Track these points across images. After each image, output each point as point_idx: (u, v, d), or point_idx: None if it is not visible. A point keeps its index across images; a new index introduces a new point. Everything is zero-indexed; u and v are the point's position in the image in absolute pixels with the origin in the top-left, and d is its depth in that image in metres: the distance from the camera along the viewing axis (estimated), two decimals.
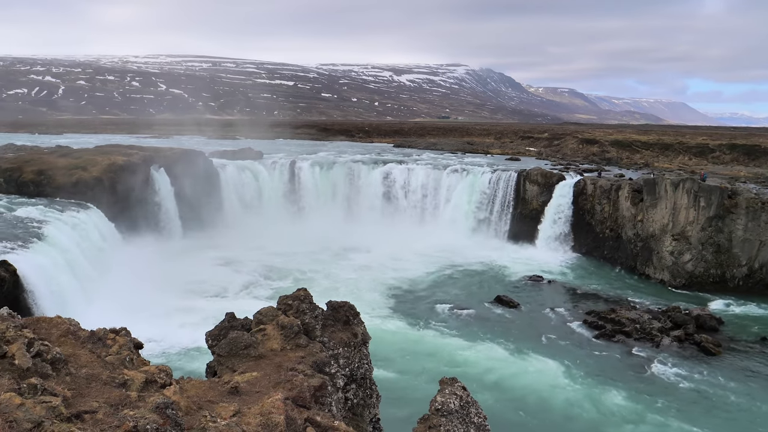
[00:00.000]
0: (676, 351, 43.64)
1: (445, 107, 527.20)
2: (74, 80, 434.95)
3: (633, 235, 65.29)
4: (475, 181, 79.83)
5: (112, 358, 11.53)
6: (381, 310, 50.38)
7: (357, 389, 16.13)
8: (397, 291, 56.16)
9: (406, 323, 47.71)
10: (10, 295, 34.30)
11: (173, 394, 10.43)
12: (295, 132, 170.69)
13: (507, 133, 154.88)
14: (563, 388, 37.20)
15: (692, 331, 46.23)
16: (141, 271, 51.95)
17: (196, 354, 37.21)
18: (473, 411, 13.12)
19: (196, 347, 37.61)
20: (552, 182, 74.49)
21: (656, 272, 61.79)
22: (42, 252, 41.90)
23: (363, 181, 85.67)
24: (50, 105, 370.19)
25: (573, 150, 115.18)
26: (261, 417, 10.17)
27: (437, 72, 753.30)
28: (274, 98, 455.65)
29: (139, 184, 67.10)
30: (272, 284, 56.35)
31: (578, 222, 71.74)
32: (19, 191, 62.44)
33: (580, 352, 43.34)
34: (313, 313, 15.70)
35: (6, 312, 12.30)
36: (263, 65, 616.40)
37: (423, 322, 48.21)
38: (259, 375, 12.51)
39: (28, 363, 9.81)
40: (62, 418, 8.47)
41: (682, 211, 60.75)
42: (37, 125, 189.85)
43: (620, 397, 36.28)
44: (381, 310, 50.38)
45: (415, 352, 41.99)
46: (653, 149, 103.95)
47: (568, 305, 53.92)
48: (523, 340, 44.98)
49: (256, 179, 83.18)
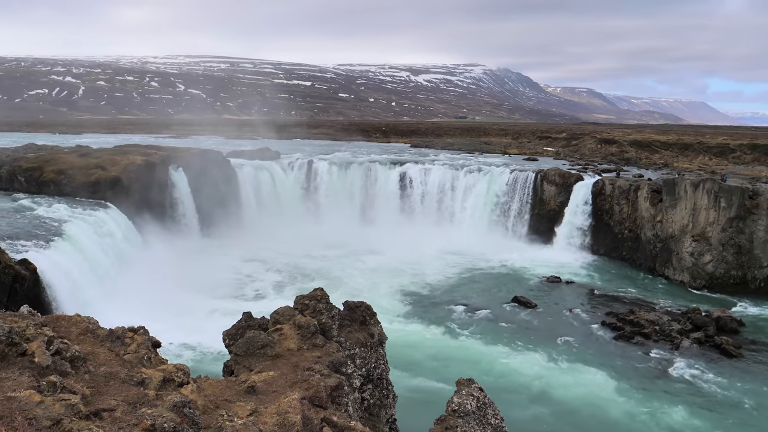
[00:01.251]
0: (695, 353, 43.22)
1: (462, 107, 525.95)
2: (94, 81, 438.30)
3: (652, 236, 64.79)
4: (492, 182, 79.56)
5: (130, 356, 11.59)
6: (398, 311, 50.33)
7: (373, 389, 16.12)
8: (414, 291, 56.07)
9: (423, 323, 47.63)
10: (30, 293, 34.61)
11: (190, 392, 10.47)
12: (312, 132, 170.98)
13: (524, 133, 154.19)
14: (581, 390, 36.96)
15: (712, 333, 45.78)
16: (160, 270, 52.27)
17: (214, 353, 37.34)
18: (490, 412, 13.07)
19: (213, 346, 37.72)
20: (570, 182, 74.08)
21: (676, 273, 61.26)
22: (62, 251, 42.25)
23: (380, 182, 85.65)
24: (70, 105, 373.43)
25: (591, 150, 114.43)
26: (278, 416, 10.18)
27: (454, 72, 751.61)
28: (292, 98, 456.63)
29: (158, 184, 67.51)
30: (289, 284, 56.45)
31: (596, 222, 71.30)
32: (39, 190, 63.13)
33: (599, 353, 43.04)
34: (330, 313, 15.72)
35: (26, 310, 12.41)
36: (281, 65, 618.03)
37: (440, 322, 48.09)
38: (275, 374, 12.53)
39: (47, 361, 9.88)
40: (81, 416, 8.51)
41: (702, 211, 60.19)
42: (57, 125, 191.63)
43: (639, 398, 36.01)
44: (398, 311, 50.33)
45: (432, 352, 41.90)
46: (673, 149, 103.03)
47: (586, 306, 53.58)
48: (540, 341, 44.76)
49: (273, 179, 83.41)
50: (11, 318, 11.22)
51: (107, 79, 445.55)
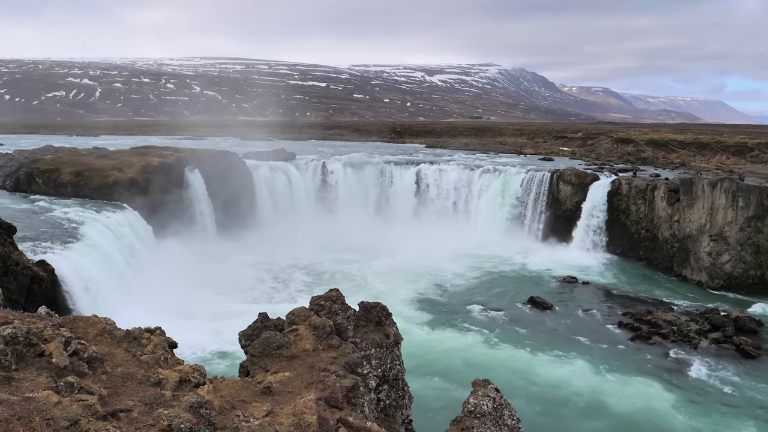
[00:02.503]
0: (714, 353, 42.87)
1: (477, 107, 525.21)
2: (111, 83, 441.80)
3: (669, 236, 64.34)
4: (507, 182, 79.32)
5: (147, 357, 11.63)
6: (413, 311, 50.27)
7: (389, 390, 16.10)
8: (429, 291, 55.99)
9: (439, 324, 47.54)
10: (48, 294, 34.87)
11: (207, 393, 10.50)
12: (328, 133, 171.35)
13: (540, 132, 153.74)
14: (598, 390, 36.75)
15: (731, 333, 45.39)
16: (176, 272, 52.48)
17: (230, 354, 37.48)
18: (506, 413, 13.02)
19: (229, 347, 37.85)
20: (586, 182, 73.73)
21: (693, 273, 60.80)
22: (79, 252, 42.52)
23: (395, 182, 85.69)
24: (87, 107, 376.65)
25: (607, 150, 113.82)
26: (293, 417, 10.19)
27: (469, 72, 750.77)
28: (307, 99, 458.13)
29: (174, 185, 67.78)
30: (304, 285, 56.56)
31: (613, 222, 70.91)
32: (57, 192, 63.59)
33: (616, 354, 42.78)
34: (346, 313, 15.71)
35: (44, 311, 12.49)
36: (296, 67, 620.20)
37: (455, 323, 47.99)
38: (291, 375, 12.54)
39: (65, 361, 9.93)
40: (98, 417, 8.55)
41: (719, 211, 59.71)
42: (74, 127, 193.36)
43: (656, 399, 35.75)
44: (413, 311, 50.27)
45: (448, 353, 41.80)
46: (690, 148, 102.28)
47: (603, 307, 53.28)
48: (557, 341, 44.56)
49: (288, 180, 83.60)
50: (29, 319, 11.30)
51: (124, 81, 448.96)
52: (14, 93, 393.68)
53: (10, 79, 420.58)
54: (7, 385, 8.85)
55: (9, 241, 33.58)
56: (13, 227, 34.61)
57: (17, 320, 10.80)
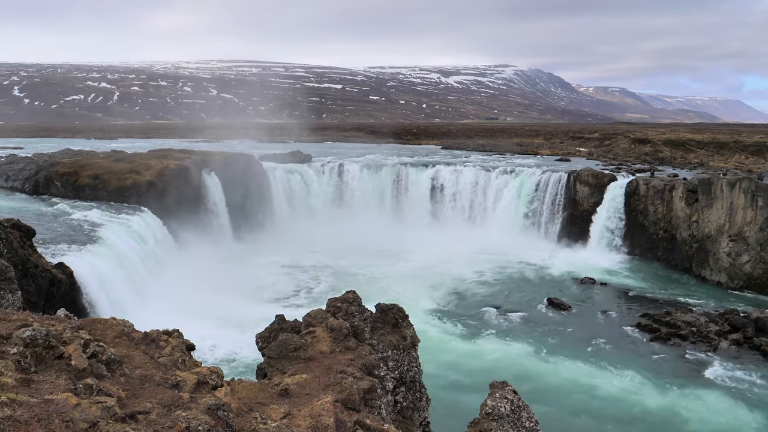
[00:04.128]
0: (734, 354, 42.46)
1: (493, 108, 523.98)
2: (128, 86, 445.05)
3: (688, 236, 63.83)
4: (524, 183, 79.06)
5: (164, 359, 11.67)
6: (430, 313, 50.20)
7: (406, 392, 16.07)
8: (447, 293, 55.87)
9: (456, 326, 47.45)
10: (66, 297, 35.11)
11: (224, 395, 10.51)
12: (344, 135, 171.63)
13: (557, 133, 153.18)
14: (617, 392, 36.51)
15: (751, 334, 44.93)
16: (193, 274, 52.74)
17: (247, 356, 37.58)
18: (524, 415, 12.94)
19: (246, 349, 37.94)
20: (603, 183, 73.32)
21: (713, 274, 60.28)
22: (97, 254, 42.83)
23: (411, 184, 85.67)
24: (105, 111, 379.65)
25: (624, 150, 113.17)
26: (311, 419, 10.18)
27: (485, 73, 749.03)
28: (323, 101, 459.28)
29: (191, 188, 68.16)
30: (320, 287, 56.67)
31: (631, 223, 70.44)
32: (76, 195, 64.19)
33: (635, 355, 42.48)
34: (362, 315, 15.70)
35: (63, 313, 12.58)
36: (312, 69, 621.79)
37: (472, 324, 47.88)
38: (308, 377, 12.54)
39: (84, 364, 9.98)
40: (117, 419, 8.58)
41: (739, 211, 59.17)
42: (92, 130, 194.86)
43: (676, 400, 35.46)
44: (430, 313, 50.20)
45: (465, 355, 41.71)
46: (708, 148, 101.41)
47: (621, 308, 52.95)
48: (575, 343, 44.32)
49: (305, 182, 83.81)
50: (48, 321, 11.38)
51: (141, 85, 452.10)
52: (34, 97, 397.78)
53: (30, 83, 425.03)
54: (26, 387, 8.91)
55: (28, 243, 33.86)
56: (33, 230, 34.90)
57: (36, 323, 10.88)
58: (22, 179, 69.23)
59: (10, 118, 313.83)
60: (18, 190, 68.53)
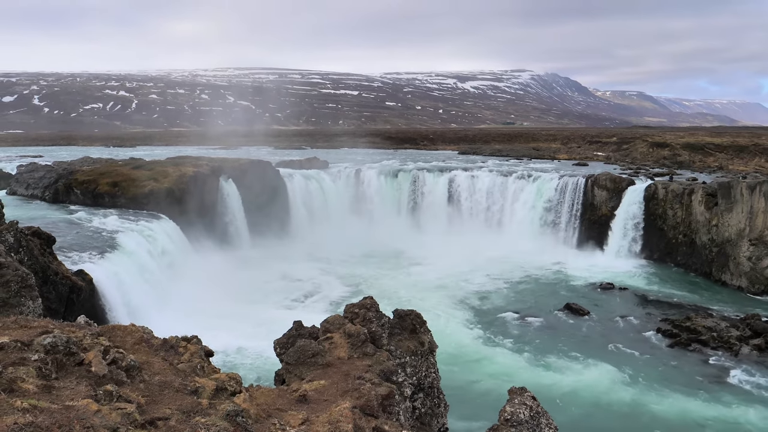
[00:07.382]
0: (756, 360, 41.96)
1: (510, 113, 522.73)
2: (146, 94, 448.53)
3: (707, 241, 63.26)
4: (541, 187, 78.72)
5: (183, 365, 11.73)
6: (448, 318, 50.02)
7: (424, 398, 16.03)
8: (464, 298, 55.69)
9: (474, 331, 47.27)
10: (86, 304, 35.36)
11: (243, 401, 10.54)
12: (360, 141, 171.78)
13: (574, 137, 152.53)
14: (637, 398, 36.20)
15: None
16: (211, 280, 52.96)
17: (265, 362, 37.62)
18: (544, 421, 12.87)
19: (264, 355, 38.00)
20: (621, 187, 72.86)
21: (733, 278, 59.68)
22: (117, 261, 43.14)
23: (428, 189, 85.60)
24: (124, 119, 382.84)
25: (643, 154, 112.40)
26: (329, 425, 10.18)
27: (501, 78, 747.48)
28: (339, 108, 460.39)
29: (209, 195, 68.50)
30: (338, 293, 56.65)
31: (649, 227, 69.92)
32: (94, 202, 64.74)
33: (655, 361, 42.11)
34: (380, 321, 15.69)
35: (83, 320, 12.69)
36: (328, 75, 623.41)
37: (491, 330, 47.67)
38: (326, 383, 12.54)
39: (104, 370, 10.05)
40: (136, 425, 8.63)
41: (759, 214, 58.56)
42: (111, 138, 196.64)
43: (697, 406, 35.09)
44: (448, 318, 50.02)
45: (483, 361, 41.54)
46: (727, 152, 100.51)
47: (640, 313, 52.52)
48: (594, 349, 44.00)
49: (322, 188, 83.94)
50: (69, 328, 11.48)
51: (159, 93, 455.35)
52: (53, 106, 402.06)
53: (49, 92, 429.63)
54: (47, 394, 8.98)
55: (48, 251, 34.16)
56: (53, 238, 35.21)
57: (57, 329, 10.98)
58: (42, 187, 69.94)
59: (30, 127, 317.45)
60: (38, 198, 69.23)
